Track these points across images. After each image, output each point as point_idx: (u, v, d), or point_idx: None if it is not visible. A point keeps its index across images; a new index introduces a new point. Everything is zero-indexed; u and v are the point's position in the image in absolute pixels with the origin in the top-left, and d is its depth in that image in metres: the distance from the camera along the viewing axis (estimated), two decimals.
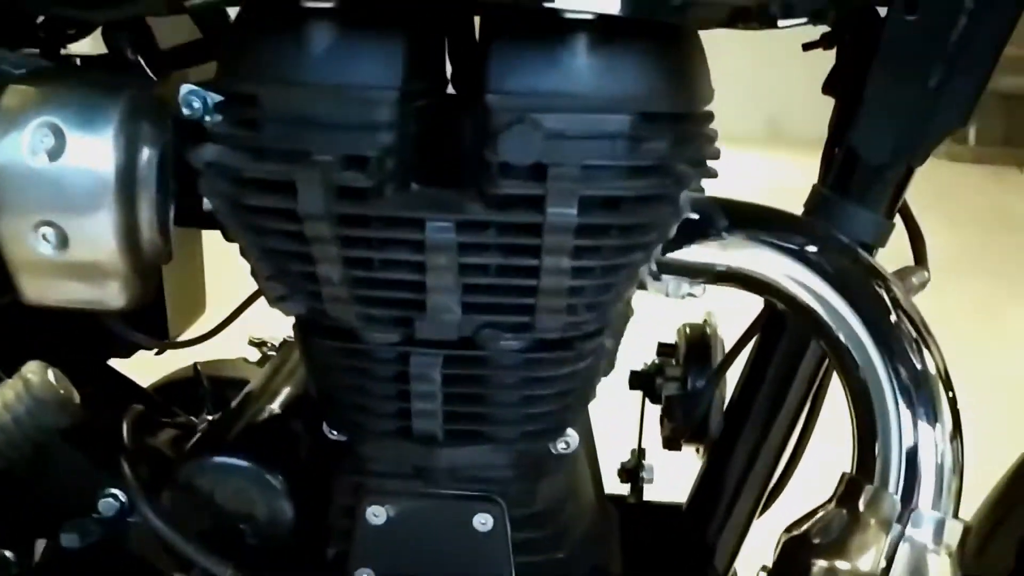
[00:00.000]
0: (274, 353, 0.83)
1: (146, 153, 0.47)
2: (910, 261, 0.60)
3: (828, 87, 0.58)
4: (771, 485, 0.64)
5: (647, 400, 0.72)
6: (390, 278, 0.46)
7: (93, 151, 0.45)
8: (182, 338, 0.70)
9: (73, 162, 0.45)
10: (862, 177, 0.55)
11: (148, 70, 0.56)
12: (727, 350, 0.67)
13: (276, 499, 0.52)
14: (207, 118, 0.46)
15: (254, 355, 0.86)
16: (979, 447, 0.55)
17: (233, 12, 0.48)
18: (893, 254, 0.57)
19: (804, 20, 0.48)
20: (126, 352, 0.70)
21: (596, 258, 0.45)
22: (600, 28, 0.43)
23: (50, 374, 0.46)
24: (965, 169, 3.50)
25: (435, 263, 0.44)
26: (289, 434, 0.57)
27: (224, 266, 0.69)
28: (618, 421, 0.73)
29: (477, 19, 0.49)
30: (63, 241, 0.45)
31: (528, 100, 0.43)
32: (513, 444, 0.51)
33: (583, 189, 0.43)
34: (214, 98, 0.47)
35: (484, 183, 0.44)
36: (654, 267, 0.51)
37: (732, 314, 0.68)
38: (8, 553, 0.58)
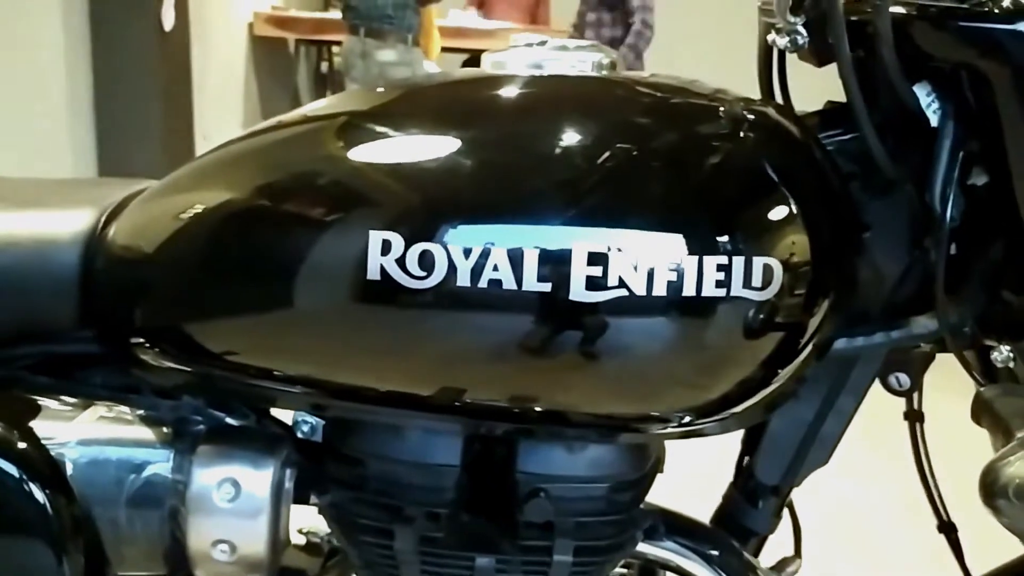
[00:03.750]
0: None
1: (287, 486, 0.70)
2: None
3: None
4: None
5: None
6: None
7: (258, 495, 0.68)
8: None
9: (245, 503, 0.68)
10: (759, 489, 0.80)
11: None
12: None
13: None
14: (314, 436, 0.71)
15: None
16: None
17: None
18: None
19: None
20: None
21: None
22: (589, 436, 0.67)
23: None
24: None
25: None
26: None
27: None
28: None
29: None
30: (233, 551, 0.69)
31: (541, 478, 0.68)
32: None
33: (575, 542, 0.67)
34: (318, 423, 0.71)
35: (511, 532, 0.68)
36: None
37: None
38: None
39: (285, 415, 0.75)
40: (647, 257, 0.55)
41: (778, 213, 0.58)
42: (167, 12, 3.81)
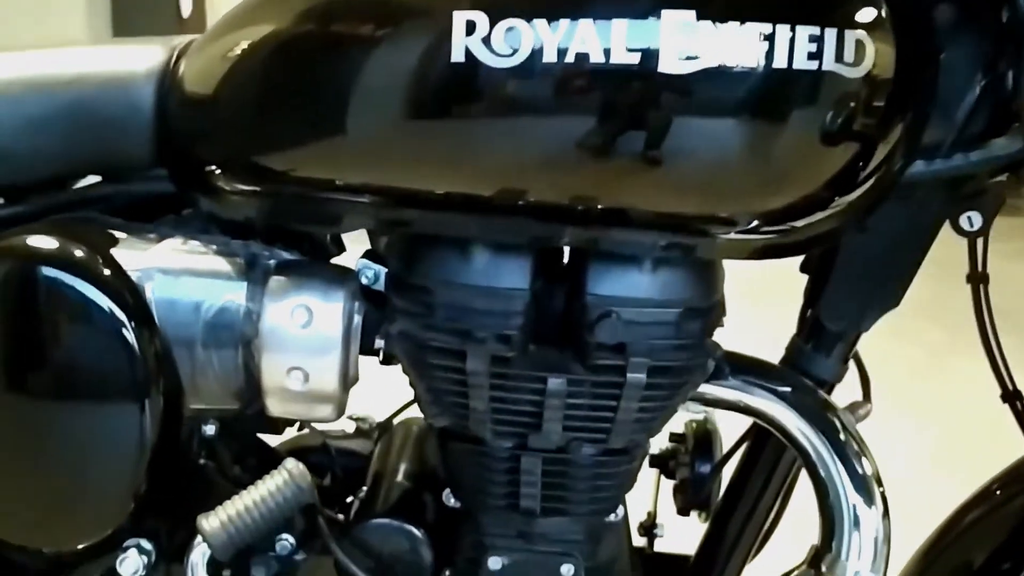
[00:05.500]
0: (367, 427, 1.07)
1: (356, 319, 0.71)
2: None
3: (803, 267, 0.84)
4: (757, 543, 0.89)
5: (662, 476, 0.97)
6: (519, 409, 0.70)
7: (331, 322, 0.69)
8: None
9: (317, 329, 0.69)
10: (825, 336, 0.81)
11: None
12: (723, 443, 0.92)
13: (420, 549, 0.77)
14: (376, 285, 0.72)
15: (349, 428, 1.10)
16: None
17: None
18: None
19: None
20: (278, 431, 0.93)
21: (653, 402, 0.70)
22: (659, 256, 0.68)
23: (302, 467, 0.70)
24: None
25: (551, 404, 0.69)
26: (421, 500, 0.81)
27: None
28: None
29: None
30: (306, 379, 0.70)
31: (612, 300, 0.68)
32: (585, 517, 0.76)
33: (649, 362, 0.68)
34: (380, 270, 0.72)
35: (583, 355, 0.68)
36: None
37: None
38: (147, 544, 0.73)
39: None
40: (737, 24, 0.55)
41: (867, 10, 0.57)
42: (185, 0, 3.85)
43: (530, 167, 0.61)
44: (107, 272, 0.67)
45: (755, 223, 0.63)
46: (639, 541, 0.98)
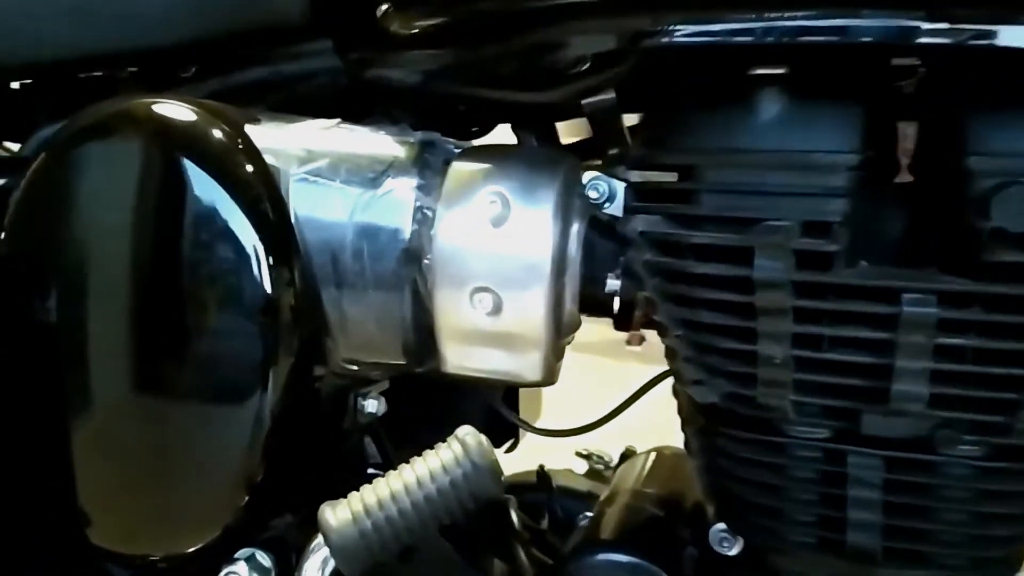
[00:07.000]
0: (601, 466, 0.81)
1: (575, 227, 0.47)
2: None
3: None
4: None
5: None
6: (844, 360, 0.41)
7: (536, 221, 0.45)
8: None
9: (516, 230, 0.45)
10: None
11: None
12: None
13: None
14: (607, 205, 0.46)
15: (580, 467, 0.84)
16: None
17: None
18: None
19: None
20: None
21: None
22: None
23: (483, 439, 0.45)
24: None
25: (909, 342, 0.39)
26: (673, 537, 0.53)
27: None
28: None
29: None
30: (497, 308, 0.45)
31: (1018, 161, 0.39)
32: (960, 573, 0.44)
33: None
34: (615, 186, 0.47)
35: (965, 255, 0.39)
36: None
37: None
38: (265, 559, 0.51)
39: None
40: None
41: None
42: None
43: None
44: (232, 151, 0.48)
45: None
46: None
